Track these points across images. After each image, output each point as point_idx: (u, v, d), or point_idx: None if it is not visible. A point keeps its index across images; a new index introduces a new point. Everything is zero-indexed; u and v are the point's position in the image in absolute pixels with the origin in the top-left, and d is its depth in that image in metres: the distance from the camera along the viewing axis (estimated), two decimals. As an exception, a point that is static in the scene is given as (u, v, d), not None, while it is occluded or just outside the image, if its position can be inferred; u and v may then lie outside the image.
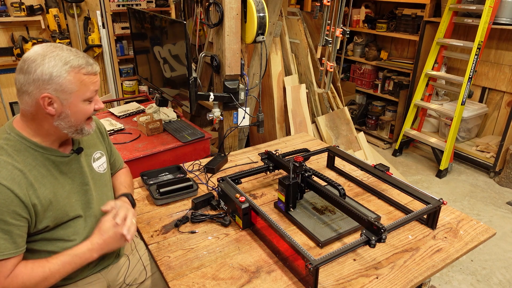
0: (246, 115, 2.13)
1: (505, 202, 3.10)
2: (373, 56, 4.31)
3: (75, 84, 1.04)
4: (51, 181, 1.09)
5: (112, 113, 2.57)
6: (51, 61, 1.01)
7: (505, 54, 3.46)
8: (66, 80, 1.02)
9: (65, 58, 1.02)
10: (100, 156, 1.29)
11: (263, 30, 1.91)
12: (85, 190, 1.19)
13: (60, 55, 1.02)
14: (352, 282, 1.18)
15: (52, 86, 1.01)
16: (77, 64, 1.03)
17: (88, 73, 1.06)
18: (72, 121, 1.07)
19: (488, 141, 3.56)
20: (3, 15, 3.13)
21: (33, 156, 1.06)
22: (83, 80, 1.05)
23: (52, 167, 1.10)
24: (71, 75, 1.03)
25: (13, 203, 0.98)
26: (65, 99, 1.04)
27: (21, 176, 1.01)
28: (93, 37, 3.56)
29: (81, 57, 1.05)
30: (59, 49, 1.04)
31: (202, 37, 3.73)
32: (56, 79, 1.01)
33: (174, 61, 1.98)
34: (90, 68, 1.06)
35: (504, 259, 2.47)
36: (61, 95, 1.03)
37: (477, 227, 1.45)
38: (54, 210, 1.08)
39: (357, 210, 1.29)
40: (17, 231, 1.01)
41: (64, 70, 1.01)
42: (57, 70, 1.01)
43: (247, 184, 1.75)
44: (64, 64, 1.02)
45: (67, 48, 1.06)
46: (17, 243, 1.01)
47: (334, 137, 3.08)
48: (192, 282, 1.17)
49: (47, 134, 1.09)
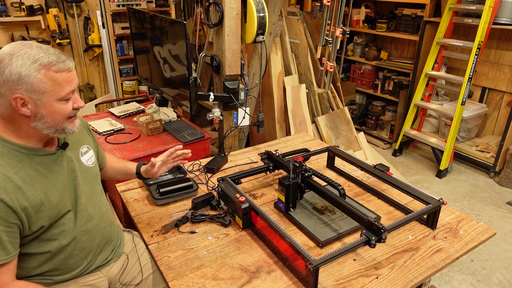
0: (246, 115, 2.13)
1: (505, 202, 3.10)
2: (373, 56, 4.31)
3: (47, 83, 0.98)
4: (40, 181, 1.06)
5: (112, 113, 2.57)
6: (18, 60, 0.96)
7: (505, 54, 3.46)
8: (36, 79, 0.97)
9: (33, 56, 0.97)
10: (87, 150, 1.28)
11: (263, 30, 1.91)
12: (74, 185, 1.17)
13: (28, 53, 0.97)
14: (352, 282, 1.18)
15: (23, 86, 0.96)
16: (46, 62, 0.98)
17: (60, 70, 1.00)
18: (50, 122, 1.03)
19: (488, 141, 3.56)
20: (3, 15, 3.13)
21: (18, 158, 1.03)
22: (56, 78, 0.99)
23: (39, 167, 1.07)
24: (41, 73, 0.97)
25: (1, 210, 0.96)
26: (38, 99, 0.99)
27: (6, 180, 0.98)
28: (93, 37, 3.56)
29: (51, 54, 0.99)
30: (27, 47, 0.98)
31: (202, 37, 3.73)
32: (26, 79, 0.96)
33: (174, 61, 1.98)
34: (62, 65, 1.00)
35: (504, 259, 2.47)
36: (33, 95, 0.98)
37: (477, 227, 1.45)
38: (47, 210, 1.07)
39: (357, 210, 1.30)
40: (7, 237, 0.99)
41: (33, 68, 0.96)
42: (26, 69, 0.96)
43: (247, 184, 1.75)
44: (33, 62, 0.96)
45: (37, 45, 1.00)
46: (7, 250, 0.99)
47: (334, 137, 3.08)
48: (192, 282, 1.17)
49: (28, 136, 1.05)
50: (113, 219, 1.36)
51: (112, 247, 1.34)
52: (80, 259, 1.22)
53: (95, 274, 1.28)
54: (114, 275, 1.33)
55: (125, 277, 1.37)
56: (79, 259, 1.22)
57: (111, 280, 1.33)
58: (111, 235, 1.34)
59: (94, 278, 1.28)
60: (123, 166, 1.53)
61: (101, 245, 1.29)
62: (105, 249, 1.31)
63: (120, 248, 1.38)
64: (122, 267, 1.36)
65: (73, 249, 1.18)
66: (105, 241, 1.30)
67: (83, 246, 1.21)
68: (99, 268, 1.30)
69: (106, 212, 1.31)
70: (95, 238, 1.25)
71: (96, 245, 1.26)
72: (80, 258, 1.22)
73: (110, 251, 1.33)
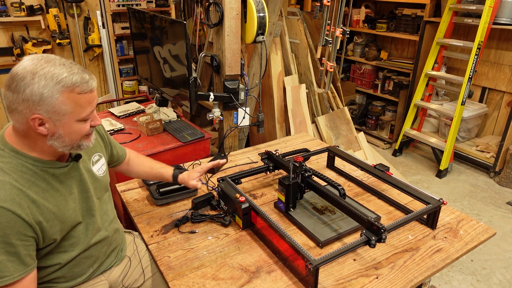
0: (246, 115, 2.13)
1: (505, 202, 3.10)
2: (373, 56, 4.31)
3: (69, 105, 0.95)
4: (52, 194, 1.05)
5: (112, 113, 2.57)
6: (41, 80, 0.91)
7: (505, 54, 3.46)
8: (58, 101, 0.93)
9: (57, 76, 0.92)
10: (99, 159, 1.26)
11: (263, 30, 1.91)
12: (86, 197, 1.16)
13: (51, 72, 0.92)
14: (352, 282, 1.18)
15: (43, 107, 0.92)
16: (70, 83, 0.94)
17: (83, 92, 0.96)
18: (67, 141, 1.00)
19: (488, 141, 3.56)
20: (3, 15, 3.13)
21: (31, 171, 1.01)
22: (78, 100, 0.96)
23: (51, 180, 1.05)
24: (64, 95, 0.93)
25: (17, 224, 0.94)
26: (58, 120, 0.96)
27: (21, 195, 0.96)
28: (93, 37, 3.56)
29: (75, 73, 0.95)
30: (50, 64, 0.94)
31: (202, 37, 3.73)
32: (48, 100, 0.92)
33: (174, 61, 1.98)
34: (85, 86, 0.96)
35: (504, 259, 2.47)
36: (54, 116, 0.94)
37: (477, 227, 1.45)
38: (60, 223, 1.06)
39: (357, 210, 1.30)
40: (25, 251, 0.97)
41: (56, 90, 0.92)
42: (48, 91, 0.91)
43: (247, 184, 1.75)
44: (56, 83, 0.92)
45: (60, 62, 0.96)
46: (25, 263, 0.98)
47: (334, 137, 3.08)
48: (192, 282, 1.17)
49: (42, 151, 1.02)
50: (118, 226, 1.36)
51: (116, 252, 1.34)
52: (86, 267, 1.22)
53: (97, 277, 1.28)
54: (115, 278, 1.33)
55: (127, 280, 1.36)
56: (85, 267, 1.22)
57: (112, 283, 1.32)
58: (117, 241, 1.34)
59: (96, 282, 1.27)
60: (158, 173, 1.49)
61: (108, 252, 1.29)
62: (111, 256, 1.31)
63: (123, 251, 1.38)
64: (123, 270, 1.36)
65: (80, 258, 1.18)
66: (111, 248, 1.30)
67: (91, 255, 1.21)
68: (102, 272, 1.30)
69: (113, 220, 1.30)
70: (103, 247, 1.25)
71: (103, 253, 1.26)
72: (86, 266, 1.22)
73: (114, 257, 1.33)
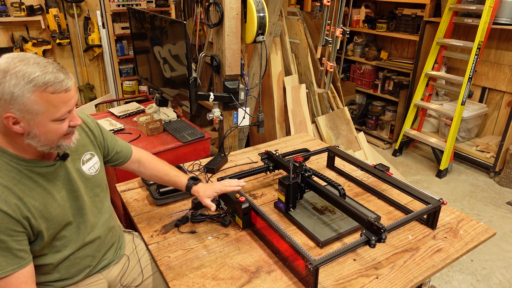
0: (246, 115, 2.13)
1: (505, 202, 3.10)
2: (373, 56, 4.31)
3: (41, 105, 0.92)
4: (39, 192, 1.04)
5: (112, 113, 2.57)
6: (12, 79, 0.89)
7: (505, 54, 3.46)
8: (30, 100, 0.91)
9: (28, 75, 0.90)
10: (91, 157, 1.23)
11: (263, 30, 1.91)
12: (75, 196, 1.15)
13: (23, 71, 0.90)
14: (352, 282, 1.18)
15: (16, 106, 0.91)
16: (42, 82, 0.91)
17: (57, 91, 0.93)
18: (43, 140, 0.98)
19: (488, 141, 3.56)
20: (3, 15, 3.13)
21: (16, 170, 1.00)
22: (51, 100, 0.93)
23: (38, 178, 1.04)
24: (36, 94, 0.91)
25: (4, 221, 0.95)
26: (31, 119, 0.94)
27: (7, 192, 0.96)
28: (93, 37, 3.56)
29: (49, 73, 0.92)
30: (24, 63, 0.92)
31: (202, 37, 3.73)
32: (19, 99, 0.90)
33: (174, 61, 1.98)
34: (58, 85, 0.93)
35: (504, 259, 2.47)
36: (27, 115, 0.93)
37: (477, 227, 1.45)
38: (46, 221, 1.05)
39: (357, 210, 1.30)
40: (17, 245, 0.98)
41: (27, 89, 0.90)
42: (19, 90, 0.90)
43: (247, 184, 1.75)
44: (27, 82, 0.90)
45: (35, 61, 0.93)
46: (19, 257, 0.99)
47: (334, 137, 3.08)
48: (192, 282, 1.17)
49: (23, 149, 1.01)
50: (114, 223, 1.35)
51: (114, 250, 1.34)
52: (82, 267, 1.22)
53: (94, 276, 1.28)
54: (113, 277, 1.33)
55: (126, 279, 1.36)
56: (82, 267, 1.22)
57: (111, 282, 1.32)
58: (113, 240, 1.33)
59: (94, 280, 1.27)
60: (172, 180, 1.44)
61: (104, 251, 1.29)
62: (108, 254, 1.31)
63: (121, 250, 1.38)
64: (122, 269, 1.36)
65: (75, 258, 1.18)
66: (107, 247, 1.30)
67: (86, 254, 1.21)
68: (100, 271, 1.29)
69: (109, 219, 1.30)
70: (98, 246, 1.25)
71: (99, 252, 1.26)
72: (82, 266, 1.22)
73: (112, 255, 1.33)
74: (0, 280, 0.96)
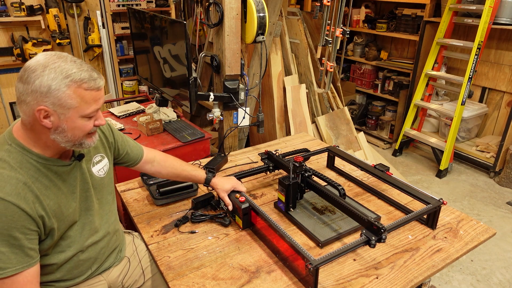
0: (246, 115, 2.13)
1: (505, 202, 3.10)
2: (373, 56, 4.31)
3: (74, 100, 0.97)
4: (54, 192, 1.06)
5: (112, 113, 2.57)
6: (51, 73, 0.94)
7: (505, 54, 3.46)
8: (65, 94, 0.96)
9: (66, 71, 0.95)
10: (101, 159, 1.26)
11: (263, 30, 1.91)
12: (86, 196, 1.17)
13: (61, 66, 0.96)
14: (352, 282, 1.18)
15: (50, 99, 0.95)
16: (78, 78, 0.96)
17: (90, 89, 0.99)
18: (69, 136, 1.02)
19: (488, 141, 3.56)
20: (3, 15, 3.13)
21: (35, 167, 1.03)
22: (84, 96, 0.98)
23: (54, 177, 1.07)
24: (71, 89, 0.96)
25: (21, 218, 0.96)
26: (63, 113, 0.98)
27: (26, 189, 0.98)
28: (93, 37, 3.56)
29: (84, 70, 0.98)
30: (62, 60, 0.97)
31: (202, 37, 3.73)
32: (55, 93, 0.95)
33: (174, 61, 1.98)
34: (92, 83, 0.99)
35: (504, 259, 2.47)
36: (59, 109, 0.97)
37: (477, 227, 1.45)
38: (59, 221, 1.07)
39: (357, 210, 1.30)
40: (29, 244, 0.99)
41: (64, 83, 0.95)
42: (56, 83, 0.94)
43: (247, 184, 1.74)
44: (65, 77, 0.95)
45: (72, 59, 0.99)
46: (29, 256, 1.00)
47: (334, 137, 3.08)
48: (192, 282, 1.17)
49: (46, 146, 1.04)
50: (119, 227, 1.36)
51: (116, 253, 1.34)
52: (85, 269, 1.22)
53: (95, 278, 1.28)
54: (114, 279, 1.33)
55: (127, 280, 1.36)
56: (84, 268, 1.22)
57: (111, 283, 1.32)
58: (117, 243, 1.34)
59: (94, 282, 1.27)
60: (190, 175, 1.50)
61: (106, 254, 1.29)
62: (110, 257, 1.31)
63: (122, 252, 1.38)
64: (123, 271, 1.36)
65: (78, 259, 1.18)
66: (110, 250, 1.30)
67: (89, 256, 1.21)
68: (101, 273, 1.29)
69: (113, 222, 1.30)
70: (102, 248, 1.25)
71: (101, 255, 1.26)
72: (85, 268, 1.22)
73: (113, 258, 1.33)
74: (8, 278, 0.97)
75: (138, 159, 1.43)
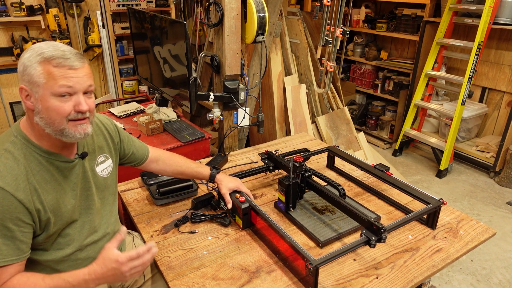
0: (246, 115, 2.13)
1: (505, 202, 3.10)
2: (373, 56, 4.31)
3: (42, 76, 0.97)
4: (54, 186, 1.06)
5: (112, 113, 2.57)
6: (28, 53, 0.99)
7: (505, 54, 3.46)
8: (36, 71, 0.97)
9: (41, 50, 0.98)
10: (105, 160, 1.26)
11: (263, 30, 1.91)
12: (87, 195, 1.17)
13: (39, 47, 0.99)
14: (352, 282, 1.18)
15: (26, 77, 0.99)
16: (49, 55, 0.97)
17: (59, 65, 0.97)
18: (46, 119, 1.00)
19: (488, 141, 3.56)
20: (3, 15, 3.13)
21: (38, 161, 1.04)
22: (52, 72, 0.97)
23: (55, 172, 1.07)
24: (41, 65, 0.97)
25: (17, 209, 0.97)
26: (36, 92, 0.99)
27: (26, 181, 0.99)
28: (93, 37, 3.56)
29: (59, 50, 0.99)
30: (45, 43, 1.01)
31: (202, 37, 3.73)
32: (28, 70, 0.98)
33: (174, 61, 1.98)
34: (62, 60, 0.98)
35: (504, 259, 2.47)
36: (33, 87, 0.98)
37: (477, 227, 1.45)
38: (55, 216, 1.07)
39: (357, 210, 1.30)
40: (21, 237, 0.99)
41: (35, 60, 0.97)
42: (30, 61, 0.98)
43: (247, 184, 1.74)
44: (37, 55, 0.98)
45: (56, 44, 1.01)
46: (20, 249, 1.00)
47: (334, 137, 3.08)
48: (192, 282, 1.17)
49: (41, 136, 1.04)
50: (119, 227, 1.35)
51: None
52: None
53: None
54: None
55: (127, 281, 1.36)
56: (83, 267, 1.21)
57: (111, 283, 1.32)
58: None
59: None
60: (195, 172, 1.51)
61: None
62: None
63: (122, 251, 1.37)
64: None
65: (77, 258, 1.17)
66: None
67: (88, 255, 1.20)
68: None
69: (114, 222, 1.30)
70: (100, 248, 1.23)
71: None
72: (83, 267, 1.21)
73: None
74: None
75: (144, 159, 1.45)
